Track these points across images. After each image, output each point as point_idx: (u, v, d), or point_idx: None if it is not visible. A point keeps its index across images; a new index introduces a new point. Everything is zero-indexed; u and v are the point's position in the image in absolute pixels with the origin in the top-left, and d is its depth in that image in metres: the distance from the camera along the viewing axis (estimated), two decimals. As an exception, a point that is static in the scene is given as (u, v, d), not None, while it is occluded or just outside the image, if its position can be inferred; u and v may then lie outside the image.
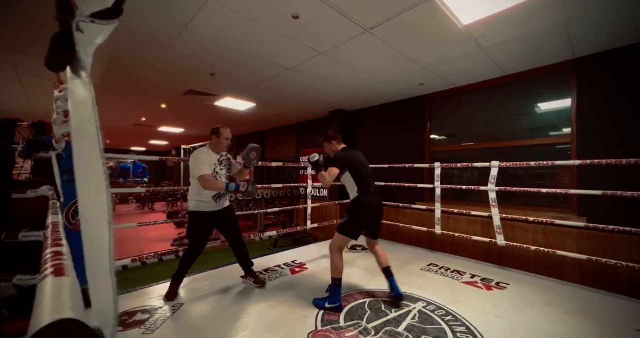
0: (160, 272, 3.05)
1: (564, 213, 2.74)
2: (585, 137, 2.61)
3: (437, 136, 3.96)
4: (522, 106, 3.18)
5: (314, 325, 1.73)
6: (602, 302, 2.09)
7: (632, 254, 2.28)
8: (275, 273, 2.63)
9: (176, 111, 4.94)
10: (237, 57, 2.66)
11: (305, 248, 3.55)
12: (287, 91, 3.77)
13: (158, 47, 2.45)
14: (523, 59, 2.70)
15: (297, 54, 2.59)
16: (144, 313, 1.81)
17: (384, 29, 2.11)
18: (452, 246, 3.35)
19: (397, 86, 3.53)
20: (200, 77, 3.20)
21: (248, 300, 2.06)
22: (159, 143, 9.70)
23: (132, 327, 1.66)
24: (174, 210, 7.01)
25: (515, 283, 2.40)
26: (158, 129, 6.83)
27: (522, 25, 2.07)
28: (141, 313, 1.82)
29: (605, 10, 1.88)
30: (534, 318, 1.82)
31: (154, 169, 12.67)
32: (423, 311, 1.91)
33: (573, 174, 2.72)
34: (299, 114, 5.29)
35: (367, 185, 2.04)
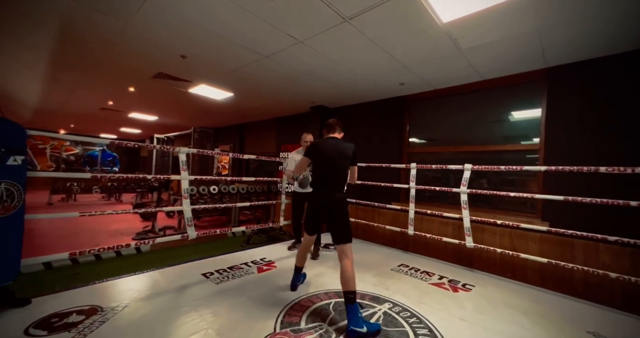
0: (117, 268, 2.81)
1: (529, 218, 2.82)
2: (552, 145, 2.69)
3: (417, 140, 3.97)
4: (498, 113, 3.24)
5: (273, 327, 1.62)
6: (559, 304, 2.15)
7: (587, 258, 2.38)
8: (240, 271, 2.49)
9: (147, 96, 4.61)
10: (209, 39, 2.47)
11: (277, 246, 3.43)
12: (266, 82, 3.61)
13: (119, 20, 2.22)
14: (499, 65, 2.74)
15: (274, 41, 2.45)
16: (79, 314, 1.61)
17: (364, 20, 2.03)
18: (424, 248, 3.36)
19: (378, 84, 3.48)
20: (169, 59, 2.96)
21: (204, 300, 1.91)
22: (131, 131, 9.11)
23: (59, 330, 1.46)
24: (143, 202, 6.60)
25: (481, 285, 2.43)
26: (129, 116, 6.38)
27: (498, 29, 2.07)
28: (76, 314, 1.62)
29: (577, 20, 1.92)
30: (494, 321, 1.83)
31: (126, 159, 11.92)
32: (388, 312, 1.86)
33: (539, 180, 2.80)
34: (280, 108, 5.13)
35: (318, 179, 1.92)
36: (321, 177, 1.90)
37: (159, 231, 4.30)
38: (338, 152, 1.90)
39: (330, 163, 1.88)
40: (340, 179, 1.89)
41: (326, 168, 1.89)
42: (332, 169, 1.88)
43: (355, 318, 1.56)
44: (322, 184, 1.90)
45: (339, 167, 1.89)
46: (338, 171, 1.89)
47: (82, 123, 7.84)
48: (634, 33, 2.04)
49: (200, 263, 2.65)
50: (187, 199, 2.52)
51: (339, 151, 1.90)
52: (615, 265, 2.24)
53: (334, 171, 1.88)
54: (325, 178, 1.89)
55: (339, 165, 1.89)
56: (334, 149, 1.90)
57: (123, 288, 2.04)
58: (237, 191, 5.16)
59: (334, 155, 1.89)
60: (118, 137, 10.71)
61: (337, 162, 1.88)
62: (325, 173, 1.89)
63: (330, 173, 1.88)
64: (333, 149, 1.90)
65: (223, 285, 2.19)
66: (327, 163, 1.88)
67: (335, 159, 1.88)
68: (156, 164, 7.06)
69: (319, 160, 1.91)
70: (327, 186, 1.88)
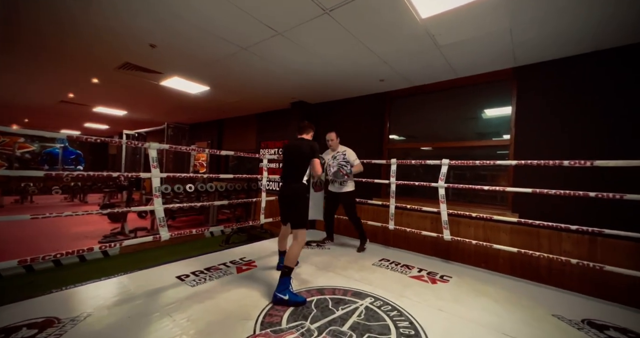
0: (81, 274, 2.58)
1: (501, 210, 2.97)
2: (521, 141, 2.84)
3: (397, 136, 4.03)
4: (472, 111, 3.37)
5: (252, 329, 1.56)
6: (527, 290, 2.29)
7: (551, 246, 2.56)
8: (218, 272, 2.39)
9: (113, 88, 4.26)
10: (181, 27, 2.31)
11: (258, 245, 3.34)
12: (244, 75, 3.48)
13: (78, 1, 2.00)
14: (473, 63, 2.84)
15: (252, 32, 2.35)
16: (31, 328, 1.44)
17: (344, 12, 2.00)
18: (404, 242, 3.44)
19: (359, 80, 3.48)
20: (137, 48, 2.74)
21: (179, 304, 1.80)
22: (97, 127, 8.45)
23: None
24: (111, 203, 6.15)
25: (458, 276, 2.52)
26: (93, 110, 5.89)
27: (473, 27, 2.13)
28: (27, 328, 1.44)
29: (546, 21, 2.02)
30: (470, 309, 1.90)
31: (92, 157, 11.05)
32: (370, 307, 1.87)
33: (510, 174, 2.96)
34: (259, 104, 4.99)
35: (282, 174, 2.25)
36: (283, 172, 2.26)
37: (130, 233, 4.03)
38: (296, 150, 2.22)
39: (291, 157, 2.23)
40: (295, 172, 2.20)
41: (286, 165, 2.26)
42: (289, 165, 2.23)
43: (282, 287, 1.87)
44: (284, 179, 2.25)
45: (294, 162, 2.22)
46: (293, 166, 2.22)
47: (39, 118, 7.13)
48: (601, 34, 2.18)
49: (174, 265, 2.51)
50: (159, 199, 2.36)
51: (297, 149, 2.22)
52: (575, 252, 2.43)
53: (291, 166, 2.23)
54: (285, 173, 2.25)
55: (295, 161, 2.22)
56: (294, 148, 2.23)
57: (86, 295, 1.87)
58: (216, 189, 4.96)
59: (293, 153, 2.23)
60: (82, 133, 9.89)
61: (294, 159, 2.22)
62: (285, 169, 2.25)
63: (289, 168, 2.23)
64: (293, 149, 2.24)
65: (199, 287, 2.08)
66: (288, 157, 2.25)
67: (293, 157, 2.22)
68: (126, 162, 6.61)
69: (285, 158, 2.28)
70: (286, 179, 2.24)
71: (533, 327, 1.71)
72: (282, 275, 1.92)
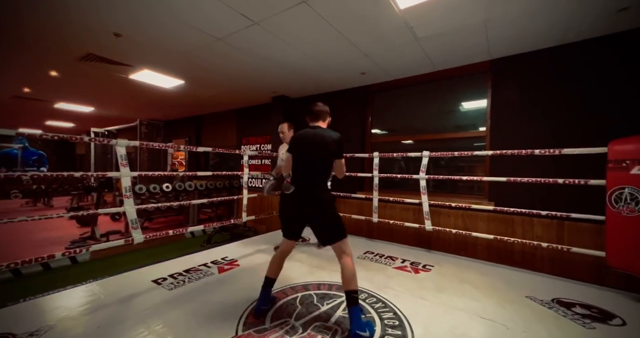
0: (45, 283, 2.37)
1: (478, 199, 3.09)
2: (496, 132, 2.95)
3: (379, 131, 4.06)
4: (451, 104, 3.45)
5: (234, 330, 1.50)
6: (502, 275, 2.39)
7: (524, 232, 2.69)
8: (198, 273, 2.29)
9: (76, 82, 3.93)
10: (147, 14, 2.14)
11: (240, 243, 3.25)
12: (221, 68, 3.32)
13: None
14: (451, 56, 2.89)
15: (227, 21, 2.23)
16: (-20, 348, 1.30)
17: (323, 1, 1.93)
18: (388, 234, 3.49)
19: (340, 73, 3.44)
20: (100, 37, 2.52)
21: (155, 309, 1.70)
22: (61, 125, 7.82)
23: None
24: (80, 206, 5.74)
25: (439, 265, 2.59)
26: (55, 106, 5.42)
27: (449, 19, 2.15)
28: (-24, 348, 1.30)
29: (519, 15, 2.08)
30: (451, 296, 1.96)
31: (56, 158, 10.23)
32: (355, 300, 1.86)
33: (486, 164, 3.07)
34: (239, 98, 4.81)
35: (295, 175, 1.67)
36: (298, 173, 1.67)
37: (101, 237, 3.78)
38: (318, 145, 1.63)
39: (308, 155, 1.65)
40: (318, 175, 1.65)
41: (301, 161, 1.67)
42: (308, 164, 1.65)
43: (359, 322, 1.44)
44: (301, 183, 1.64)
45: (316, 161, 1.65)
46: (315, 166, 1.65)
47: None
48: (570, 28, 2.27)
49: (150, 269, 2.37)
50: (130, 199, 2.21)
51: (319, 144, 1.63)
52: (546, 236, 2.57)
53: (311, 166, 1.65)
54: (301, 173, 1.66)
55: (317, 159, 1.65)
56: (315, 142, 1.64)
57: (49, 307, 1.71)
58: (195, 188, 4.76)
59: (313, 148, 1.64)
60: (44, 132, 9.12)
61: (315, 156, 1.64)
62: (301, 167, 1.66)
63: (305, 168, 1.66)
64: (314, 143, 1.64)
65: (178, 290, 1.98)
66: (303, 155, 1.66)
67: (314, 153, 1.64)
68: (96, 163, 6.17)
69: (297, 153, 1.69)
70: (302, 183, 1.65)
71: (508, 309, 1.79)
72: (351, 304, 1.46)
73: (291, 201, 1.66)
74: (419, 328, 1.56)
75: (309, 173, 1.65)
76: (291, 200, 1.66)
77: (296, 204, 1.65)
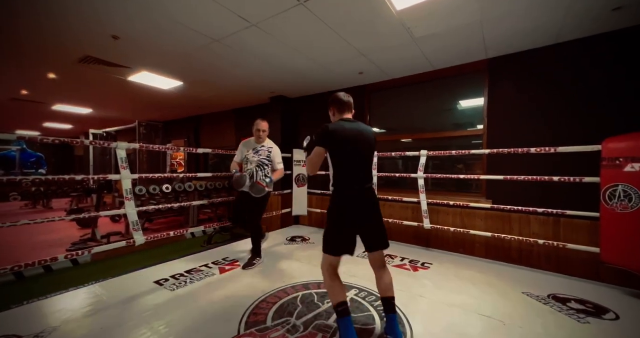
0: (46, 286, 2.39)
1: (476, 197, 3.12)
2: (493, 130, 2.98)
3: (377, 129, 4.08)
4: (449, 102, 3.47)
5: (236, 329, 1.53)
6: (499, 271, 2.43)
7: (521, 229, 2.73)
8: (199, 274, 2.31)
9: (74, 84, 3.92)
10: (145, 16, 2.15)
11: (241, 243, 3.27)
12: (219, 69, 3.33)
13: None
14: (448, 55, 2.90)
15: (224, 23, 2.24)
16: (-13, 350, 1.32)
17: (319, 2, 1.95)
18: (387, 232, 3.52)
19: (338, 73, 3.46)
20: (98, 39, 2.53)
21: (157, 310, 1.73)
22: (59, 126, 7.79)
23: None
24: (79, 207, 5.74)
25: (438, 262, 2.62)
26: (53, 108, 5.41)
27: (446, 19, 2.17)
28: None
29: (515, 14, 2.10)
30: (449, 293, 1.99)
31: (54, 160, 10.20)
32: (355, 298, 1.90)
33: (483, 162, 3.10)
34: (237, 99, 4.82)
35: (346, 176, 1.45)
36: (349, 173, 1.46)
37: (102, 238, 3.79)
38: (365, 139, 1.48)
39: (361, 154, 1.47)
40: (370, 170, 1.53)
41: (353, 161, 1.45)
42: (360, 163, 1.47)
43: (399, 329, 1.40)
44: (357, 185, 1.45)
45: (368, 157, 1.50)
46: (367, 161, 1.50)
47: (-11, 118, 6.43)
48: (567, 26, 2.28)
49: (152, 270, 2.40)
50: (131, 201, 2.23)
51: (366, 138, 1.49)
52: (542, 233, 2.61)
53: (364, 161, 1.49)
54: (354, 174, 1.46)
55: (368, 154, 1.50)
56: (362, 136, 1.48)
57: (52, 308, 1.73)
58: (195, 188, 4.77)
59: (362, 143, 1.47)
60: (42, 134, 9.10)
61: (365, 151, 1.49)
62: (352, 167, 1.46)
63: (358, 168, 1.47)
64: (361, 137, 1.47)
65: (179, 291, 2.00)
66: (355, 154, 1.45)
67: (364, 148, 1.48)
68: (95, 164, 6.17)
69: (343, 149, 1.44)
70: (362, 187, 1.46)
71: (505, 305, 1.83)
72: (391, 311, 1.42)
73: (353, 205, 1.43)
74: (417, 325, 1.59)
75: (365, 170, 1.49)
76: (352, 204, 1.43)
77: (359, 207, 1.44)
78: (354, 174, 1.46)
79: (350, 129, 1.46)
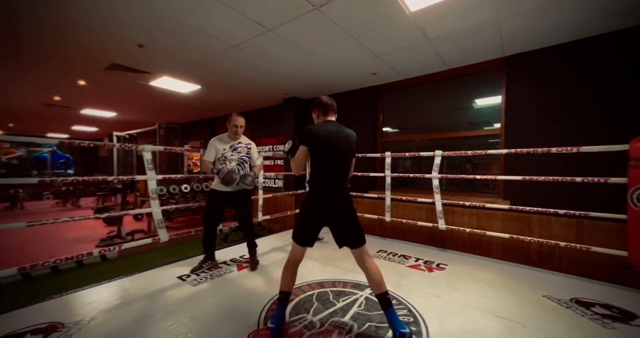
0: (80, 279, 2.57)
1: (493, 198, 3.06)
2: (511, 129, 2.91)
3: (390, 129, 4.07)
4: (463, 101, 3.42)
5: (256, 324, 1.60)
6: (518, 274, 2.38)
7: (541, 231, 2.65)
8: (219, 270, 2.41)
9: (101, 90, 4.17)
10: (169, 26, 2.27)
11: (257, 242, 3.36)
12: (235, 73, 3.44)
13: (60, 5, 1.94)
14: (463, 54, 2.86)
15: (241, 29, 2.32)
16: (35, 334, 1.45)
17: (334, 7, 1.99)
18: (400, 233, 3.51)
19: (351, 74, 3.48)
20: (125, 48, 2.69)
21: (181, 303, 1.83)
22: (86, 129, 8.26)
23: (13, 354, 1.31)
24: (105, 206, 6.07)
25: (453, 263, 2.60)
26: (81, 112, 5.75)
27: (461, 18, 2.15)
28: (31, 334, 1.45)
29: (532, 11, 2.05)
30: (465, 295, 1.98)
31: (81, 161, 10.81)
32: (370, 297, 1.92)
33: (501, 162, 3.03)
34: (252, 101, 4.94)
35: (323, 174, 1.53)
36: (328, 173, 1.53)
37: (127, 235, 4.00)
38: (346, 141, 1.56)
39: (340, 155, 1.54)
40: (347, 172, 1.61)
41: (332, 160, 1.52)
42: (339, 162, 1.54)
43: (399, 321, 1.43)
44: (334, 184, 1.53)
45: (346, 158, 1.57)
46: (345, 163, 1.57)
47: (23, 121, 6.93)
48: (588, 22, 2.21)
49: (174, 266, 2.52)
50: (156, 201, 2.36)
51: (346, 140, 1.57)
52: (564, 235, 2.52)
53: (341, 163, 1.55)
54: (333, 174, 1.53)
55: (347, 156, 1.58)
56: (343, 138, 1.56)
57: (87, 300, 1.87)
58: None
59: (342, 144, 1.54)
60: (70, 136, 9.67)
61: (346, 153, 1.56)
62: (332, 167, 1.53)
63: (337, 168, 1.54)
64: (342, 138, 1.55)
65: (201, 286, 2.11)
66: (334, 154, 1.52)
67: (344, 150, 1.55)
68: (118, 165, 6.49)
69: (323, 149, 1.51)
70: (340, 186, 1.54)
71: (524, 307, 1.80)
72: (387, 306, 1.44)
73: (325, 201, 1.52)
74: (433, 325, 1.60)
75: (343, 170, 1.57)
76: (325, 200, 1.52)
77: (331, 204, 1.52)
78: (330, 174, 1.53)
79: (333, 131, 1.54)
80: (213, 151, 2.33)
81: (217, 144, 2.36)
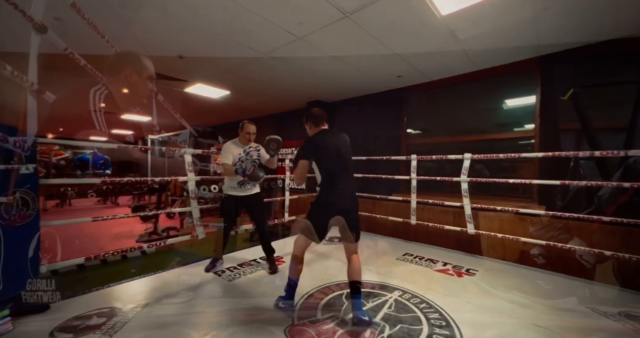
0: (124, 271, 2.81)
1: (526, 203, 2.93)
2: (546, 131, 2.78)
3: (412, 131, 4.03)
4: (492, 102, 3.32)
5: (291, 319, 1.68)
6: (556, 283, 2.27)
7: (582, 238, 2.50)
8: (250, 268, 2.54)
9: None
10: (208, 39, 2.45)
11: (282, 241, 3.48)
12: (264, 79, 3.59)
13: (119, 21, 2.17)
14: (495, 55, 2.79)
15: (273, 38, 2.44)
16: (100, 317, 1.63)
17: (364, 14, 2.04)
18: (426, 236, 3.46)
19: (376, 77, 3.50)
20: (166, 59, 2.91)
21: (221, 296, 1.96)
22: (123, 133, 8.92)
23: (86, 332, 1.49)
24: (140, 204, 6.53)
25: (484, 269, 2.53)
26: (121, 117, 6.24)
27: (496, 19, 2.11)
28: (97, 316, 1.64)
29: (572, 9, 1.97)
30: (498, 301, 1.93)
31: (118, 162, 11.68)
32: (399, 300, 1.94)
33: (535, 166, 2.90)
34: (277, 104, 5.11)
35: (333, 178, 1.70)
36: (335, 175, 1.70)
37: (162, 232, 4.30)
38: (345, 145, 1.77)
39: (343, 157, 1.72)
40: (352, 174, 1.78)
41: (337, 164, 1.70)
42: (343, 165, 1.72)
43: (362, 309, 1.67)
44: (343, 184, 1.70)
45: (348, 161, 1.76)
46: (348, 165, 1.76)
47: (72, 126, 7.63)
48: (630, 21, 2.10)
49: (208, 263, 2.67)
50: (195, 200, 2.54)
51: (345, 144, 1.78)
52: (609, 244, 2.37)
53: (346, 165, 1.74)
54: (340, 175, 1.70)
55: (349, 159, 1.77)
56: (342, 142, 1.76)
57: (138, 289, 2.07)
58: (238, 189, 5.16)
59: (343, 149, 1.74)
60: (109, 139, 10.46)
61: (347, 157, 1.76)
62: (338, 169, 1.70)
63: (343, 170, 1.72)
64: (342, 143, 1.76)
65: (235, 282, 2.23)
66: (337, 157, 1.70)
67: (345, 153, 1.74)
68: (152, 166, 6.97)
69: (327, 155, 1.69)
70: (346, 185, 1.71)
71: (565, 318, 1.72)
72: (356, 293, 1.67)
73: (339, 202, 1.69)
74: (467, 330, 1.59)
75: (349, 173, 1.76)
76: (339, 201, 1.69)
77: (343, 205, 1.70)
78: (338, 176, 1.71)
79: (331, 139, 1.73)
80: (230, 155, 2.50)
81: (232, 149, 2.54)
